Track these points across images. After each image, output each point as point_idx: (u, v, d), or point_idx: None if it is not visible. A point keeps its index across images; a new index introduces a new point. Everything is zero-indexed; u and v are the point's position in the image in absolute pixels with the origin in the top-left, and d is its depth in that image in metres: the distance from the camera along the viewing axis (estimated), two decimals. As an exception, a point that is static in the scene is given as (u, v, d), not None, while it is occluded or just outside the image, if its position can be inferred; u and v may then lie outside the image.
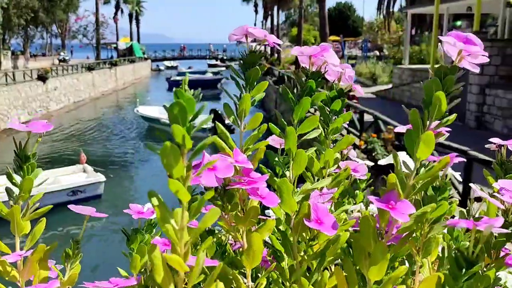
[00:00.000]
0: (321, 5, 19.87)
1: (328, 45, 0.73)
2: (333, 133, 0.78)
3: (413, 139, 0.54)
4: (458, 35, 0.59)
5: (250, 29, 0.71)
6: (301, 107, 0.70)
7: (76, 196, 12.58)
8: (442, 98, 0.53)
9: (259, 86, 0.72)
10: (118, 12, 57.01)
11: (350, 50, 49.02)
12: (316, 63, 0.74)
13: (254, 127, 0.70)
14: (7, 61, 36.47)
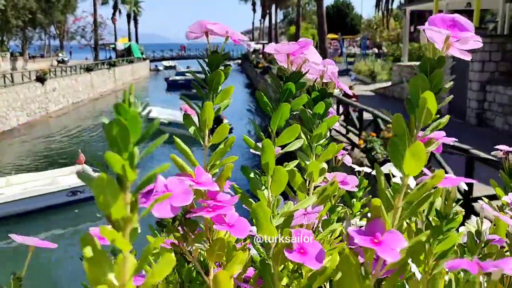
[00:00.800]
0: (319, 3, 19.76)
1: (307, 40, 0.65)
2: (317, 140, 0.69)
3: (399, 151, 0.44)
4: (443, 19, 0.49)
5: (209, 25, 0.61)
6: (280, 115, 0.61)
7: (75, 197, 12.54)
8: (430, 98, 0.43)
9: (225, 92, 0.64)
10: (116, 13, 56.93)
11: (348, 48, 48.93)
12: (296, 62, 0.65)
13: (220, 139, 0.62)
14: (5, 63, 36.37)
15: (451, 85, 0.49)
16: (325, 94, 0.69)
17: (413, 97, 0.45)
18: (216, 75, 0.62)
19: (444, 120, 0.48)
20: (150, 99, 35.72)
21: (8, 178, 13.13)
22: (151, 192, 0.40)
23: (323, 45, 19.83)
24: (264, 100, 0.63)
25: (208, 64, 0.64)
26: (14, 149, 20.01)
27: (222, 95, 0.64)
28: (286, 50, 0.63)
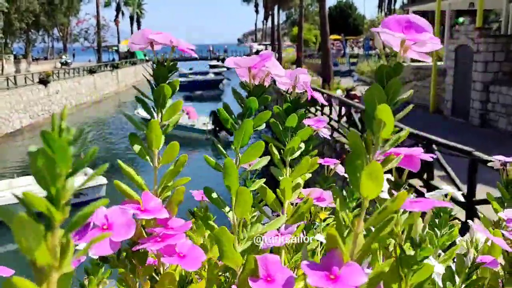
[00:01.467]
0: (321, 4, 19.70)
1: (269, 53, 0.62)
2: (290, 154, 0.66)
3: (356, 171, 0.40)
4: (398, 20, 0.44)
5: (152, 35, 0.58)
6: (243, 132, 0.58)
7: (78, 199, 12.55)
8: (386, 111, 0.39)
9: (173, 107, 0.59)
10: (119, 15, 57.04)
11: (351, 49, 48.82)
12: (258, 76, 0.62)
13: (170, 159, 0.57)
14: (9, 65, 36.52)
15: (411, 94, 0.45)
16: (297, 105, 0.66)
17: (369, 109, 0.41)
18: (162, 90, 0.57)
19: (404, 133, 0.43)
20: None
21: (10, 180, 13.13)
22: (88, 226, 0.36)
23: (325, 45, 19.76)
24: (224, 116, 0.60)
25: (154, 77, 0.59)
26: (17, 151, 20.05)
27: (170, 111, 0.59)
28: (247, 64, 0.61)
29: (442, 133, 8.76)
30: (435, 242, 0.86)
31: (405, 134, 0.43)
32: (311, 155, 0.77)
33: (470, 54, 12.53)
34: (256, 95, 0.60)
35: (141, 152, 0.58)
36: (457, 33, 13.56)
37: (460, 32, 13.34)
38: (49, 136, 0.29)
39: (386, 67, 0.42)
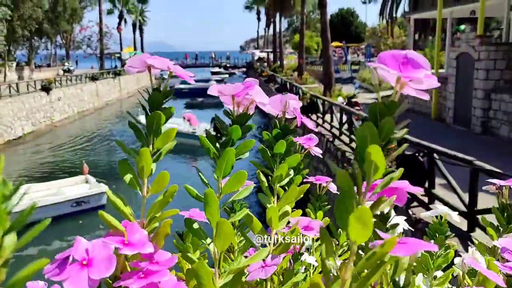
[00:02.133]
0: (323, 11, 19.75)
1: (252, 81, 0.61)
2: (278, 181, 0.64)
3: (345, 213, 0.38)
4: (395, 56, 0.43)
5: (150, 60, 0.57)
6: (225, 161, 0.56)
7: (80, 207, 12.55)
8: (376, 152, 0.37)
9: (166, 135, 0.56)
10: (122, 22, 57.37)
11: (353, 56, 48.93)
12: (243, 103, 0.61)
13: (161, 188, 0.55)
14: (12, 73, 36.69)
15: (405, 132, 0.43)
16: (287, 131, 0.64)
17: (361, 149, 0.39)
18: (156, 117, 0.56)
19: (398, 174, 0.41)
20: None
21: None
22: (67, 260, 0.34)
23: (327, 53, 19.79)
24: (207, 145, 0.58)
25: (149, 102, 0.58)
26: (19, 158, 20.08)
27: (163, 138, 0.56)
28: (230, 92, 0.60)
29: (444, 141, 8.72)
30: (430, 264, 0.84)
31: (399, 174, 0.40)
32: (302, 174, 0.75)
33: (471, 62, 12.52)
34: (239, 123, 0.59)
35: (131, 182, 0.57)
36: (458, 41, 13.57)
37: (461, 40, 13.34)
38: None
39: (379, 104, 0.41)
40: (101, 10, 47.38)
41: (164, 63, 0.57)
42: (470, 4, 15.31)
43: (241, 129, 0.58)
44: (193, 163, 19.30)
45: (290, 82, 23.15)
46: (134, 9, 59.48)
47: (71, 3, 43.02)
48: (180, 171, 18.08)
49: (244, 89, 0.59)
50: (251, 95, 0.60)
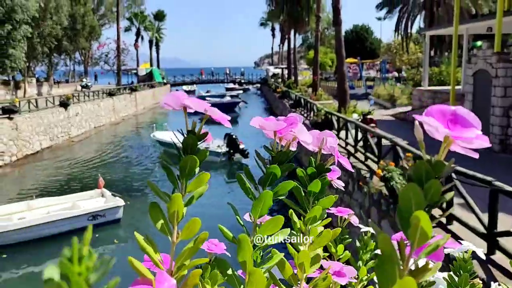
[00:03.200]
0: (337, 29, 19.81)
1: (296, 117, 0.61)
2: (311, 223, 0.62)
3: (388, 280, 0.36)
4: (443, 112, 0.41)
5: (186, 100, 0.57)
6: (261, 203, 0.55)
7: (96, 221, 12.62)
8: (424, 218, 0.35)
9: (199, 180, 0.56)
10: (139, 39, 58.47)
11: (368, 72, 48.88)
12: (285, 138, 0.61)
13: (191, 235, 0.53)
14: (32, 88, 37.56)
15: (452, 195, 0.41)
16: (322, 170, 0.63)
17: (405, 212, 0.38)
18: (190, 161, 0.56)
19: (444, 240, 0.39)
20: (169, 123, 36.24)
21: (29, 202, 13.28)
22: None
23: (341, 69, 19.79)
24: (246, 185, 0.57)
25: (183, 145, 0.58)
26: (37, 172, 20.38)
27: (195, 183, 0.56)
28: (273, 128, 0.59)
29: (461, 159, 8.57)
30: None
31: (445, 240, 0.39)
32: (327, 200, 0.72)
33: (488, 79, 12.38)
34: (279, 162, 0.58)
35: (162, 227, 0.55)
36: (475, 58, 13.45)
37: (478, 56, 13.23)
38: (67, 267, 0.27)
39: (425, 164, 0.39)
40: (119, 27, 48.41)
41: (200, 105, 0.57)
42: (487, 21, 15.22)
43: (281, 168, 0.57)
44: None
45: (304, 99, 23.15)
46: (151, 26, 60.63)
47: (89, 21, 44.06)
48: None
49: (288, 126, 0.59)
50: (294, 133, 0.60)
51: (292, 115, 0.61)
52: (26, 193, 16.56)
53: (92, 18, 44.97)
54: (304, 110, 22.10)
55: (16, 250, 11.13)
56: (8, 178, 19.37)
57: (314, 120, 16.52)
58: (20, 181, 19.01)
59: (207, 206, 14.66)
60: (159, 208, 0.56)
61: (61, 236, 11.95)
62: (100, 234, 12.47)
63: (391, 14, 35.71)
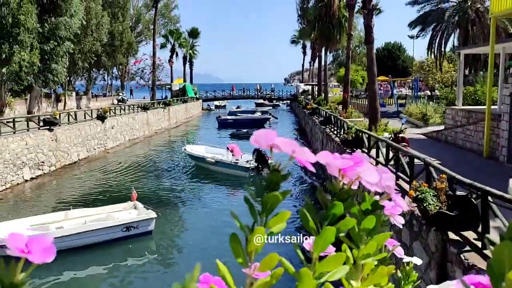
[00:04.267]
0: (369, 47, 19.89)
1: (362, 156, 0.61)
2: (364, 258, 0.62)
3: None
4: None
5: (277, 140, 0.58)
6: (323, 239, 0.56)
7: (129, 232, 12.91)
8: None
9: (280, 217, 0.57)
10: (173, 56, 60.03)
11: (399, 90, 48.33)
12: (348, 176, 0.60)
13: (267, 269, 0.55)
14: (71, 101, 39.16)
15: None
16: (376, 206, 0.63)
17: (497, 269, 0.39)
18: (273, 198, 0.56)
19: None
20: (200, 137, 36.83)
21: (67, 212, 13.79)
22: None
23: (373, 87, 19.78)
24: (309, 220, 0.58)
25: (267, 182, 0.59)
26: (73, 182, 21.14)
27: (277, 219, 0.57)
28: (338, 166, 0.59)
29: (497, 181, 8.38)
30: None
31: None
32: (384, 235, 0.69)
33: (525, 100, 12.16)
34: (341, 200, 0.58)
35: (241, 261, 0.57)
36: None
37: (514, 77, 13.03)
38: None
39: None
40: (155, 44, 49.98)
41: (289, 147, 0.57)
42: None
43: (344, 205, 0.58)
44: (234, 192, 19.56)
45: (334, 116, 23.18)
46: (185, 43, 62.20)
47: (127, 38, 45.71)
48: (221, 199, 18.40)
49: (353, 165, 0.58)
50: (359, 172, 0.59)
51: (357, 155, 0.61)
52: (63, 202, 17.19)
53: (129, 35, 46.66)
54: (334, 127, 22.12)
55: (52, 258, 11.55)
56: (47, 187, 20.18)
57: (344, 137, 16.53)
58: (58, 190, 19.75)
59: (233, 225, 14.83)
60: (239, 241, 0.58)
61: (96, 246, 12.36)
62: (133, 245, 12.83)
63: (424, 32, 35.40)
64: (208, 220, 15.30)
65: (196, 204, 17.76)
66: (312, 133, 32.47)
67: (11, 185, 19.11)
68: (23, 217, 13.94)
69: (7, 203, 17.20)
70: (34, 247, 0.52)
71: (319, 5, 34.38)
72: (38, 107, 30.54)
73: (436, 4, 33.09)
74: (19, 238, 0.52)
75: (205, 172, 22.63)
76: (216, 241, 12.96)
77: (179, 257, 12.61)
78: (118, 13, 44.19)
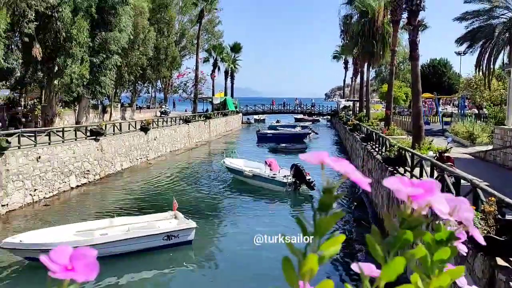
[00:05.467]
0: (414, 64, 19.48)
1: (434, 183, 0.59)
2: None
3: None
4: None
5: (327, 159, 0.59)
6: (392, 269, 0.54)
7: (170, 241, 13.14)
8: None
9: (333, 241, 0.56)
10: (215, 70, 61.22)
11: (444, 107, 46.90)
12: (418, 203, 0.59)
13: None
14: (116, 113, 40.65)
15: None
16: (452, 237, 0.61)
17: None
18: (327, 221, 0.56)
19: None
20: (239, 150, 37.16)
21: (111, 219, 14.24)
22: None
23: (417, 104, 19.31)
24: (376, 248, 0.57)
25: (319, 205, 0.58)
26: (116, 191, 21.79)
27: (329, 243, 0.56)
28: (408, 193, 0.58)
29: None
30: None
31: None
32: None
33: None
34: (410, 227, 0.57)
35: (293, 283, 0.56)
36: None
37: None
38: None
39: None
40: (198, 58, 51.22)
41: (342, 167, 0.58)
42: None
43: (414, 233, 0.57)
44: (271, 206, 19.50)
45: (376, 133, 22.75)
46: (227, 57, 63.35)
47: (172, 52, 47.12)
48: (258, 213, 18.38)
49: (424, 193, 0.57)
50: (429, 201, 0.58)
51: (429, 181, 0.60)
52: (106, 209, 17.74)
53: (174, 50, 48.08)
54: (376, 144, 21.70)
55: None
56: (91, 195, 20.91)
57: (386, 155, 16.16)
58: (101, 198, 20.41)
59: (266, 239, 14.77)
60: (292, 264, 0.57)
61: (138, 253, 12.64)
62: (174, 254, 13.03)
63: (472, 49, 34.29)
64: (245, 233, 15.33)
65: (233, 216, 17.85)
66: (352, 150, 31.99)
67: (58, 192, 19.95)
68: (69, 223, 14.49)
69: (55, 209, 17.95)
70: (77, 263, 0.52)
71: (362, 20, 34.15)
72: (85, 118, 31.92)
73: (485, 20, 32.04)
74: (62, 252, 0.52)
75: (243, 185, 22.73)
76: (252, 254, 12.98)
77: (218, 268, 12.67)
78: (164, 28, 45.70)
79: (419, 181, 0.60)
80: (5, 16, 18.44)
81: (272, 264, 12.40)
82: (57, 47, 24.64)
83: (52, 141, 20.23)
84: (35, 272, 11.44)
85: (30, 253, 11.62)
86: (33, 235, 12.26)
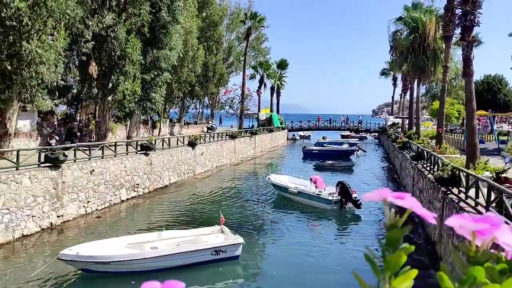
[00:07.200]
0: (468, 80, 18.72)
1: (498, 218, 0.59)
2: None
3: None
4: None
5: (391, 197, 0.60)
6: None
7: (218, 256, 13.15)
8: None
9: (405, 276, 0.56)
10: (262, 86, 61.80)
11: (500, 125, 44.65)
12: (483, 238, 0.59)
13: None
14: (165, 128, 41.86)
15: None
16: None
17: None
18: (397, 258, 0.55)
19: None
20: (285, 166, 36.98)
21: (160, 232, 14.45)
22: None
23: (471, 122, 18.48)
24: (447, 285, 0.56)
25: (387, 241, 0.58)
26: (163, 205, 22.27)
27: (401, 279, 0.56)
28: (472, 228, 0.58)
29: None
30: None
31: None
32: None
33: None
34: (478, 263, 0.57)
35: None
36: None
37: None
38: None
39: None
40: (244, 75, 52.00)
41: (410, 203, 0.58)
42: None
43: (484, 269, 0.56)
44: (316, 224, 19.18)
45: (427, 151, 21.96)
46: (273, 74, 63.85)
47: (219, 69, 48.15)
48: (303, 230, 18.11)
49: (490, 228, 0.57)
50: (495, 235, 0.58)
51: (492, 216, 0.60)
52: (154, 223, 18.14)
53: (221, 67, 49.11)
54: (427, 163, 20.92)
55: (144, 278, 12.08)
56: (140, 208, 21.49)
57: (439, 175, 15.51)
58: (150, 212, 20.91)
59: (316, 257, 14.48)
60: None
61: (186, 268, 12.75)
62: (223, 269, 13.06)
63: (531, 64, 32.57)
64: (290, 251, 15.18)
65: (278, 233, 17.72)
66: (402, 168, 31.01)
67: (109, 205, 20.66)
68: (120, 235, 14.90)
69: (106, 221, 18.59)
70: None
71: (412, 36, 33.39)
72: (136, 133, 33.07)
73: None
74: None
75: (288, 202, 22.55)
76: (298, 272, 12.87)
77: (266, 285, 12.55)
78: (212, 46, 46.85)
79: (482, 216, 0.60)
80: (64, 36, 19.59)
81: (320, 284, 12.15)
82: (112, 65, 25.83)
83: (105, 155, 21.06)
84: (90, 283, 11.83)
85: (86, 264, 12.00)
86: (87, 247, 12.64)
